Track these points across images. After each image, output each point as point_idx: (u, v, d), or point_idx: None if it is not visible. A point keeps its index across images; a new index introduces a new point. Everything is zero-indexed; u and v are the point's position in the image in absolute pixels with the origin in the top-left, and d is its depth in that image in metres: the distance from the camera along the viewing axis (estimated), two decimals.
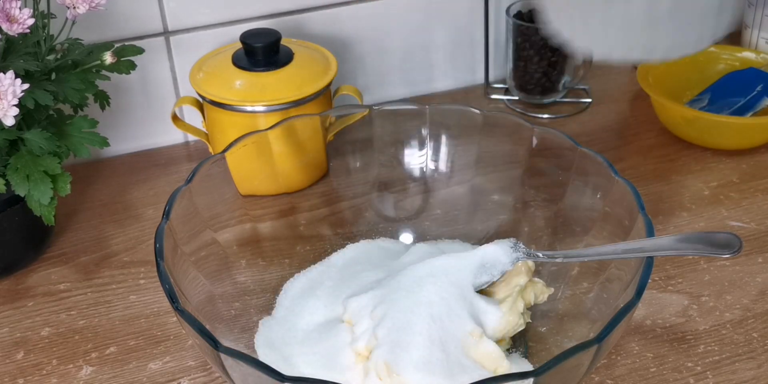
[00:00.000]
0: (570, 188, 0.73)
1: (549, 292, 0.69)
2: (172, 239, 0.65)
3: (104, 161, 0.98)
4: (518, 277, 0.67)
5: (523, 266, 0.68)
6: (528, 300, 0.68)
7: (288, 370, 0.65)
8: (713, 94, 1.00)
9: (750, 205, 0.88)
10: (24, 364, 0.73)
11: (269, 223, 0.78)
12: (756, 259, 0.81)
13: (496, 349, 0.64)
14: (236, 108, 0.86)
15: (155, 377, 0.72)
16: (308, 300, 0.72)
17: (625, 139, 0.99)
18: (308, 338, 0.68)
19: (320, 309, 0.71)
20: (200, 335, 0.56)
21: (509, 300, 0.66)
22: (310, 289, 0.73)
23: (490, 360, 0.64)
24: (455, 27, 1.05)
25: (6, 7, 0.72)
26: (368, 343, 0.64)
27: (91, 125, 0.79)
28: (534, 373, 0.53)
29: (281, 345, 0.68)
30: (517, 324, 0.66)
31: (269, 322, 0.71)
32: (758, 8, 1.07)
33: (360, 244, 0.79)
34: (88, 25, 0.82)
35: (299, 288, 0.74)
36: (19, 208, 0.78)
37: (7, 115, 0.69)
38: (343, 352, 0.65)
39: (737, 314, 0.75)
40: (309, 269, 0.76)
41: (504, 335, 0.67)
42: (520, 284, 0.67)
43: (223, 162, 0.73)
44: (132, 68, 0.82)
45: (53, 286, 0.81)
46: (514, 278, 0.67)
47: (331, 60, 0.91)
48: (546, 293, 0.69)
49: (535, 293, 0.68)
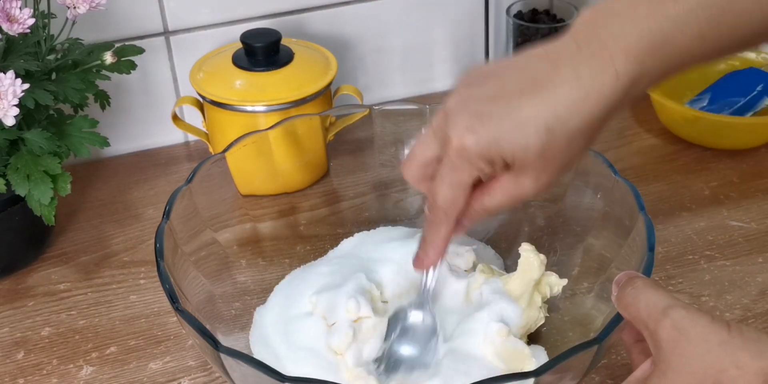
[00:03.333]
0: (570, 188, 0.73)
1: (563, 284, 0.68)
2: (173, 239, 0.65)
3: (104, 161, 0.98)
4: (531, 272, 0.67)
5: (536, 260, 0.67)
6: (544, 293, 0.67)
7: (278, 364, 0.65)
8: (713, 94, 1.00)
9: (750, 205, 0.88)
10: (24, 364, 0.73)
11: (269, 223, 0.78)
12: (756, 259, 0.81)
13: (524, 347, 0.64)
14: (236, 108, 0.86)
15: (155, 377, 0.72)
16: (302, 291, 0.72)
17: (625, 139, 0.99)
18: (290, 331, 0.68)
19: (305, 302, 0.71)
20: (200, 335, 0.56)
21: (526, 295, 0.66)
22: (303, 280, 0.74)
23: (518, 359, 0.63)
24: (455, 27, 1.05)
25: (6, 7, 0.72)
26: (341, 341, 0.64)
27: (92, 125, 0.79)
28: (534, 373, 0.53)
29: (273, 335, 0.69)
30: (537, 318, 0.66)
31: (262, 311, 0.72)
32: None
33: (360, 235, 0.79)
34: (88, 25, 0.82)
35: (295, 278, 0.75)
36: (19, 208, 0.78)
37: (7, 115, 0.69)
38: (321, 348, 0.66)
39: (737, 314, 0.75)
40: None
41: (526, 331, 0.67)
42: (535, 278, 0.67)
43: (223, 162, 0.73)
44: (132, 68, 0.82)
45: (53, 286, 0.81)
46: (527, 273, 0.67)
47: (331, 60, 0.91)
48: (560, 285, 0.68)
49: (550, 286, 0.68)
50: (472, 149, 0.53)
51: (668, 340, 0.49)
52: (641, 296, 0.51)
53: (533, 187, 0.56)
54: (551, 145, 0.53)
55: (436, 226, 0.60)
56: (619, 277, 0.55)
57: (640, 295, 0.51)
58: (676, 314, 0.49)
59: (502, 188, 0.56)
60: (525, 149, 0.53)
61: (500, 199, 0.57)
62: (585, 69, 0.52)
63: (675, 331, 0.49)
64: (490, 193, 0.57)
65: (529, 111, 0.52)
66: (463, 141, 0.54)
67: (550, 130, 0.52)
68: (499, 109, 0.53)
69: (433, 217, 0.59)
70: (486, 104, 0.53)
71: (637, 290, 0.52)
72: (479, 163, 0.54)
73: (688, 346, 0.48)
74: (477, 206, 0.58)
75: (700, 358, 0.47)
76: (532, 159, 0.53)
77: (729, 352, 0.47)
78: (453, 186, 0.56)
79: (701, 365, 0.47)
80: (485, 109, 0.53)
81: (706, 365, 0.47)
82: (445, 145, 0.55)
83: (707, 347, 0.47)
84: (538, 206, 0.76)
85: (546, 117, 0.52)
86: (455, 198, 0.57)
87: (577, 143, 0.54)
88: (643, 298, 0.51)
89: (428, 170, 0.58)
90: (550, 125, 0.52)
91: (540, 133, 0.52)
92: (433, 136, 0.57)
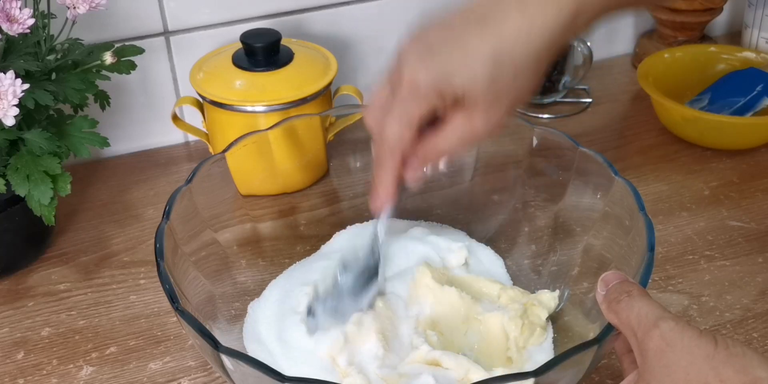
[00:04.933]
0: (570, 188, 0.73)
1: (555, 297, 0.69)
2: (173, 239, 0.65)
3: (104, 161, 0.98)
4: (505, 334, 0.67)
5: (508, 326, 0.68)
6: (537, 317, 0.68)
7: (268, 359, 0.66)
8: (713, 94, 1.00)
9: (750, 205, 0.88)
10: (24, 364, 0.73)
11: (269, 223, 0.78)
12: (756, 259, 0.81)
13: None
14: (236, 108, 0.86)
15: (155, 377, 0.72)
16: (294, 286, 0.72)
17: (625, 139, 0.99)
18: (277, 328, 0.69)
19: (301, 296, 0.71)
20: (200, 335, 0.56)
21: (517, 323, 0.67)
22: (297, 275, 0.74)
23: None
24: None
25: (6, 7, 0.72)
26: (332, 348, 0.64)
27: (92, 125, 0.79)
28: (534, 373, 0.53)
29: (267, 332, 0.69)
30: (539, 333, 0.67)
31: (256, 306, 0.72)
32: (758, 8, 1.07)
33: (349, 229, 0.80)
34: (88, 25, 0.82)
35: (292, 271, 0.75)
36: (19, 208, 0.78)
37: (7, 115, 0.69)
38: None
39: (737, 314, 0.75)
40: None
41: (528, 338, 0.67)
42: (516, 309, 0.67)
43: (223, 162, 0.73)
44: (132, 68, 0.82)
45: (53, 286, 0.81)
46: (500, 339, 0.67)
47: (331, 60, 0.91)
48: (552, 300, 0.69)
49: (544, 306, 0.68)
50: (422, 82, 0.55)
51: (655, 350, 0.49)
52: (635, 305, 0.52)
53: (484, 125, 0.57)
54: (499, 77, 0.55)
55: (383, 163, 0.60)
56: (607, 276, 0.55)
57: (634, 303, 0.52)
58: (665, 325, 0.50)
59: (454, 128, 0.58)
60: (473, 80, 0.54)
61: (453, 138, 0.58)
62: (530, 2, 0.54)
63: (662, 342, 0.49)
64: (443, 134, 0.58)
65: (476, 43, 0.54)
66: (414, 75, 0.56)
67: (497, 61, 0.54)
68: (447, 45, 0.55)
69: (380, 154, 0.60)
70: (436, 42, 0.56)
71: (632, 299, 0.52)
72: (430, 95, 0.56)
73: (674, 358, 0.48)
74: (430, 147, 0.59)
75: (685, 370, 0.48)
76: (481, 91, 0.55)
77: (713, 366, 0.47)
78: (401, 120, 0.57)
79: (685, 377, 0.48)
80: (435, 46, 0.56)
81: (689, 377, 0.48)
82: (397, 83, 0.57)
83: (692, 360, 0.48)
84: (538, 206, 0.76)
85: (493, 48, 0.54)
86: (401, 132, 0.58)
87: (524, 76, 0.55)
88: (636, 306, 0.52)
89: (386, 112, 0.59)
90: (497, 56, 0.54)
91: (487, 64, 0.54)
92: (389, 79, 0.59)
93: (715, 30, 1.19)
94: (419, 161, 0.60)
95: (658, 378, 0.49)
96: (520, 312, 0.67)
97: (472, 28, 0.55)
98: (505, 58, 0.54)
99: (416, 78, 0.55)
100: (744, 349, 0.48)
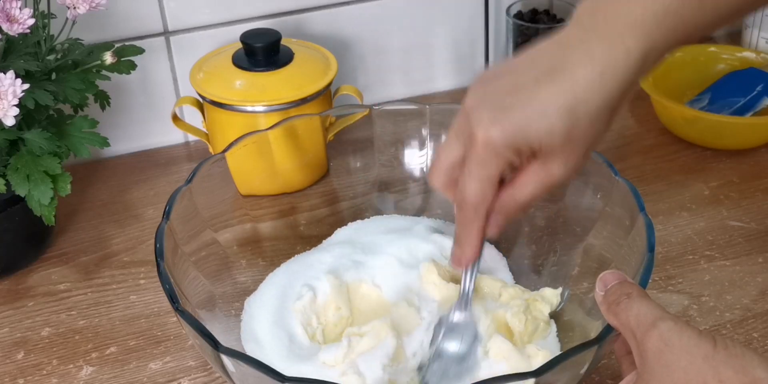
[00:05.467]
0: (570, 188, 0.73)
1: (557, 293, 0.69)
2: (173, 239, 0.65)
3: (104, 161, 0.98)
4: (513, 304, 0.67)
5: (504, 292, 0.68)
6: (540, 312, 0.68)
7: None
8: (713, 94, 1.00)
9: (750, 205, 0.88)
10: (24, 364, 0.73)
11: (269, 223, 0.78)
12: (756, 259, 0.81)
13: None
14: (236, 108, 0.86)
15: (155, 377, 0.72)
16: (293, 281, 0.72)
17: (625, 139, 0.99)
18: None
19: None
20: (200, 335, 0.56)
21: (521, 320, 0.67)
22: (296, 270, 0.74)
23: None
24: (455, 27, 1.05)
25: (6, 7, 0.72)
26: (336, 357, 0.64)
27: (92, 125, 0.79)
28: (534, 373, 0.53)
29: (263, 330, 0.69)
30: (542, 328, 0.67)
31: (252, 301, 0.72)
32: None
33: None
34: (88, 25, 0.82)
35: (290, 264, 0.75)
36: (19, 208, 0.78)
37: (7, 115, 0.69)
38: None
39: (737, 314, 0.75)
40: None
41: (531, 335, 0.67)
42: (518, 304, 0.67)
43: (223, 162, 0.73)
44: (132, 68, 0.82)
45: (53, 286, 0.81)
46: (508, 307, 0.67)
47: (331, 60, 0.90)
48: (555, 297, 0.69)
49: (547, 302, 0.68)
50: (498, 140, 0.54)
51: (654, 350, 0.49)
52: (634, 306, 0.52)
53: (562, 172, 0.56)
54: (575, 127, 0.53)
55: (468, 224, 0.59)
56: (605, 276, 0.55)
57: (633, 304, 0.52)
58: (664, 326, 0.49)
59: (532, 178, 0.57)
60: (550, 134, 0.53)
61: (531, 188, 0.57)
62: (597, 49, 0.53)
63: (661, 342, 0.49)
64: (520, 185, 0.57)
65: (549, 97, 0.53)
66: (488, 134, 0.54)
67: (573, 112, 0.53)
68: (519, 100, 0.54)
69: (464, 215, 0.59)
70: (506, 97, 0.54)
71: (632, 300, 0.52)
72: (506, 153, 0.54)
73: (672, 358, 0.48)
74: (508, 200, 0.58)
75: (684, 370, 0.48)
76: (559, 143, 0.54)
77: (712, 366, 0.47)
78: (481, 180, 0.56)
79: (684, 377, 0.48)
80: (506, 101, 0.54)
81: (688, 377, 0.48)
82: (469, 142, 0.55)
83: (691, 360, 0.48)
84: (538, 206, 0.76)
85: (567, 100, 0.53)
86: (484, 193, 0.57)
87: (599, 123, 0.54)
88: (635, 307, 0.52)
89: (454, 174, 0.58)
90: (571, 107, 0.53)
91: (563, 117, 0.53)
92: (456, 138, 0.58)
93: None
94: (501, 216, 0.59)
95: (657, 378, 0.49)
96: (523, 308, 0.67)
97: (541, 83, 0.53)
98: (581, 109, 0.53)
99: (491, 136, 0.54)
100: (743, 350, 0.48)
